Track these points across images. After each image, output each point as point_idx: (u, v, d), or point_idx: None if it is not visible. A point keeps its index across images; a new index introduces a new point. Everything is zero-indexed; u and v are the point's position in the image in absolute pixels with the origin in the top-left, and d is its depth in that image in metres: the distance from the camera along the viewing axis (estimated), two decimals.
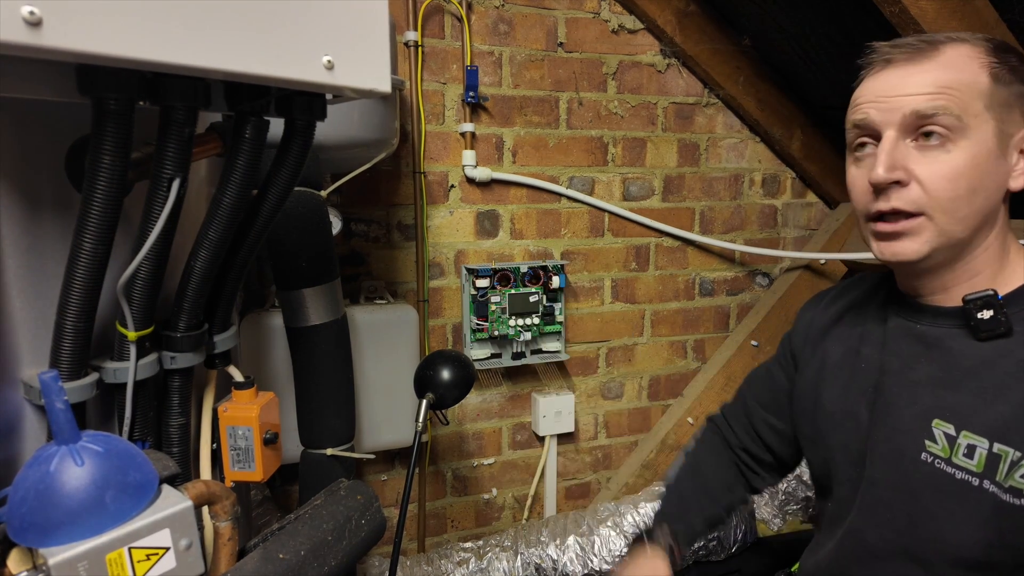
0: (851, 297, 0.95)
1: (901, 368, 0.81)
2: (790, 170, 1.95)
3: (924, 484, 0.76)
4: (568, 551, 1.44)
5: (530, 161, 1.67)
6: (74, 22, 0.45)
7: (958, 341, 0.76)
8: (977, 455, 0.72)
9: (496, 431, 1.77)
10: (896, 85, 0.74)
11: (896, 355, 0.82)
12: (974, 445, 0.72)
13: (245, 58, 0.54)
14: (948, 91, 0.71)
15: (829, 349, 0.92)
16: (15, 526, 0.47)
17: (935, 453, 0.75)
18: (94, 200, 0.53)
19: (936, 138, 0.72)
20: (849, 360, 0.88)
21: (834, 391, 0.89)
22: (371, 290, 1.51)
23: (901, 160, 0.73)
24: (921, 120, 0.72)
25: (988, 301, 0.73)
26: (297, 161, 0.70)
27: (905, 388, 0.80)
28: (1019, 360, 0.71)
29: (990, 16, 1.22)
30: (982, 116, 0.71)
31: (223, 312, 0.76)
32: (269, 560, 0.63)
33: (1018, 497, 0.68)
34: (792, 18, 1.54)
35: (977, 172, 0.72)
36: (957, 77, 0.72)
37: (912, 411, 0.78)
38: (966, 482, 0.72)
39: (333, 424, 1.14)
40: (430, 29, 1.54)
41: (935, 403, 0.76)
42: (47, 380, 0.47)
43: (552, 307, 1.66)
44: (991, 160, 0.72)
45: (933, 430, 0.76)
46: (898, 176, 0.73)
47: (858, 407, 0.85)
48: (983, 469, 0.71)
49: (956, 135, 0.71)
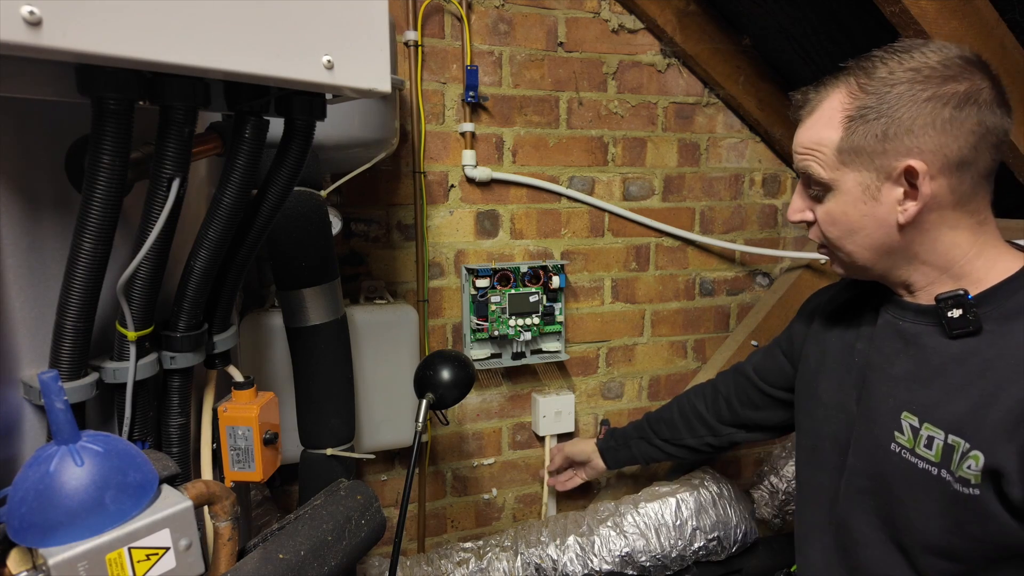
0: (853, 293, 0.99)
1: (882, 363, 0.85)
2: (790, 170, 1.95)
3: (894, 473, 0.81)
4: (568, 551, 1.44)
5: (530, 161, 1.67)
6: (74, 22, 0.45)
7: (933, 339, 0.80)
8: (935, 446, 0.76)
9: (496, 431, 1.77)
10: (795, 141, 0.85)
11: (880, 351, 0.86)
12: (933, 436, 0.77)
13: (245, 58, 0.54)
14: (812, 152, 0.81)
15: (829, 343, 0.97)
16: (15, 526, 0.47)
17: (902, 444, 0.80)
18: (94, 200, 0.53)
19: (814, 190, 0.84)
20: (845, 354, 0.93)
21: (831, 384, 0.94)
22: (371, 290, 1.51)
23: (808, 203, 0.86)
24: (803, 176, 0.84)
25: (958, 300, 0.77)
26: (297, 161, 0.70)
27: (884, 383, 0.84)
28: (985, 359, 0.74)
29: (990, 16, 1.22)
30: (841, 170, 0.79)
31: (223, 312, 0.76)
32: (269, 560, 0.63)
33: (966, 486, 0.73)
34: (792, 18, 1.53)
35: (846, 219, 0.81)
36: (819, 135, 0.80)
37: (887, 405, 0.83)
38: (926, 471, 0.77)
39: (333, 424, 1.14)
40: (430, 29, 1.54)
41: (907, 397, 0.81)
42: (47, 380, 0.47)
43: (552, 307, 1.66)
44: (859, 205, 0.79)
45: (901, 422, 0.80)
46: (803, 218, 0.87)
47: (848, 400, 0.90)
48: (940, 459, 0.76)
49: (825, 188, 0.81)
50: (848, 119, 0.77)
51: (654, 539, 1.46)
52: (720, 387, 1.31)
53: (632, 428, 1.49)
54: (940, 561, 0.78)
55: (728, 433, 1.30)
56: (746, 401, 1.24)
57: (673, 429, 1.38)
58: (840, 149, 0.78)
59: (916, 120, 0.73)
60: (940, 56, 0.74)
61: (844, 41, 1.51)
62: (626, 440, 1.48)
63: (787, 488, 1.80)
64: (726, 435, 1.30)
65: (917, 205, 0.75)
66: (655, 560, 1.45)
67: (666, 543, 1.46)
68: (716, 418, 1.31)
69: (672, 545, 1.46)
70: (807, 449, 0.98)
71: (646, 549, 1.45)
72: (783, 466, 1.83)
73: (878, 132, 0.75)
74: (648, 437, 1.43)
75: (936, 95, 0.73)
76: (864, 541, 0.86)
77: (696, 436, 1.35)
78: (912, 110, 0.73)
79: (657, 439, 1.41)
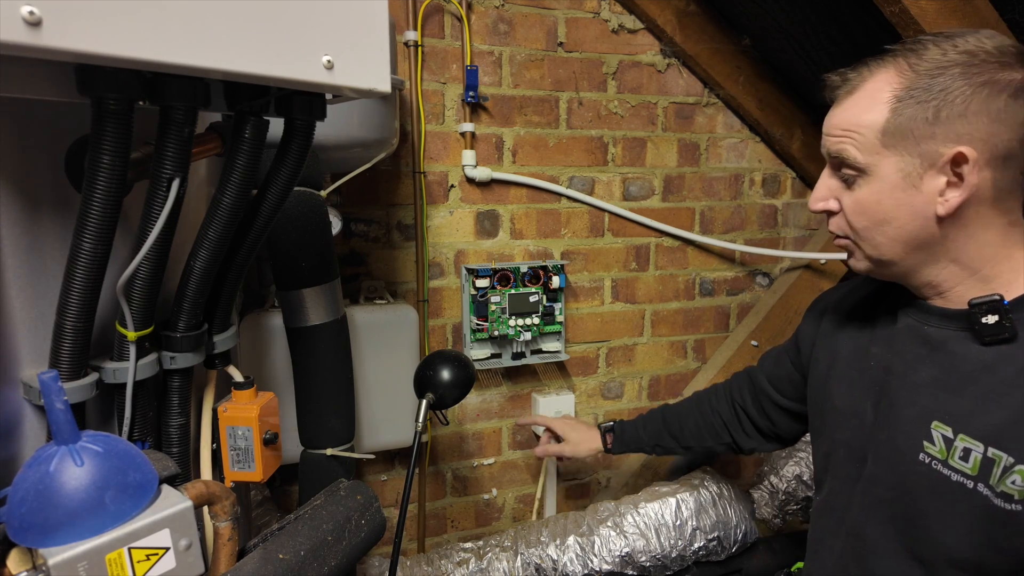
0: (864, 293, 0.95)
1: (905, 370, 0.81)
2: (790, 170, 1.95)
3: (921, 485, 0.77)
4: (568, 551, 1.44)
5: (530, 161, 1.67)
6: (74, 22, 0.45)
7: (962, 345, 0.76)
8: (972, 458, 0.72)
9: (496, 431, 1.77)
10: (828, 123, 0.80)
11: (901, 356, 0.82)
12: (970, 448, 0.72)
13: (244, 58, 0.54)
14: (849, 134, 0.76)
15: (841, 345, 0.93)
16: (15, 526, 0.47)
17: (932, 455, 0.76)
18: (94, 200, 0.53)
19: (846, 174, 0.78)
20: (859, 358, 0.89)
21: (843, 388, 0.90)
22: (371, 290, 1.51)
23: (834, 190, 0.80)
24: (835, 159, 0.79)
25: (994, 306, 0.73)
26: (297, 161, 0.70)
27: (907, 390, 0.80)
28: (1020, 367, 0.71)
29: (990, 16, 1.22)
30: (880, 154, 0.74)
31: (223, 312, 0.76)
32: (269, 560, 0.63)
33: (1008, 502, 0.69)
34: (792, 18, 1.53)
35: (879, 207, 0.76)
36: (860, 117, 0.75)
37: (912, 412, 0.79)
38: (961, 484, 0.73)
39: (333, 424, 1.14)
40: (430, 29, 1.54)
41: (935, 405, 0.77)
42: (47, 380, 0.47)
43: (552, 307, 1.66)
44: (895, 193, 0.74)
45: (932, 432, 0.76)
46: (826, 207, 0.81)
47: (864, 405, 0.86)
48: (977, 472, 0.72)
49: (859, 174, 0.76)
50: (896, 99, 0.72)
51: (654, 539, 1.46)
52: (736, 396, 1.24)
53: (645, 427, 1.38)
54: (963, 575, 0.75)
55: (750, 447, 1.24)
56: (761, 413, 1.19)
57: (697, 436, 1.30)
58: (884, 131, 0.73)
59: (970, 105, 0.68)
60: (995, 43, 0.70)
61: (844, 41, 1.51)
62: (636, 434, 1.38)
63: (787, 488, 1.80)
64: (747, 447, 1.24)
65: (960, 196, 0.71)
66: (655, 560, 1.45)
67: (666, 543, 1.46)
68: (736, 429, 1.24)
69: (672, 545, 1.46)
70: (822, 455, 0.95)
71: (646, 549, 1.45)
72: (783, 466, 1.83)
73: (928, 115, 0.70)
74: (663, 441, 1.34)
75: (992, 80, 0.68)
76: (879, 552, 0.82)
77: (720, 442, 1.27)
78: (966, 93, 0.68)
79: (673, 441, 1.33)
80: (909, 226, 0.75)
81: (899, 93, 0.72)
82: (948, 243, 0.75)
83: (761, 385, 1.17)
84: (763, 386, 1.17)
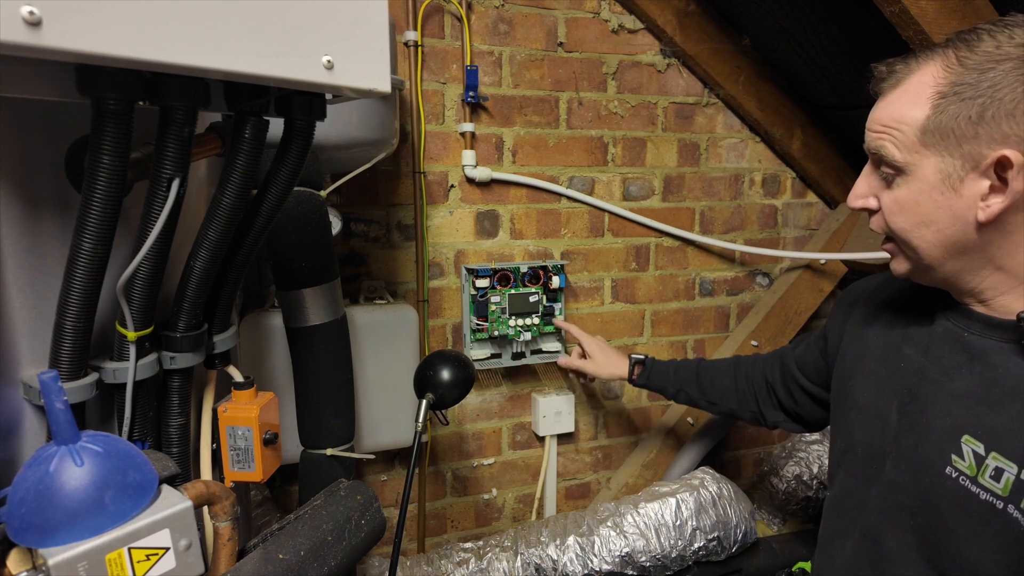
0: (899, 285, 0.91)
1: (940, 377, 0.77)
2: (790, 170, 1.95)
3: (947, 499, 0.74)
4: (568, 551, 1.44)
5: (530, 161, 1.67)
6: (74, 22, 0.45)
7: (1005, 357, 0.72)
8: (1004, 479, 0.68)
9: (496, 431, 1.77)
10: (871, 117, 0.76)
11: (937, 362, 0.78)
12: (1002, 468, 0.69)
13: (244, 58, 0.54)
14: (889, 131, 0.72)
15: (870, 340, 0.90)
16: (15, 526, 0.47)
17: (961, 469, 0.73)
18: (94, 200, 0.53)
19: (885, 172, 0.75)
20: (889, 357, 0.85)
21: (868, 386, 0.87)
22: (371, 290, 1.51)
23: (873, 188, 0.77)
24: (874, 156, 0.76)
25: None
26: (297, 161, 0.70)
27: (941, 398, 0.77)
28: None
29: (990, 16, 1.22)
30: (920, 153, 0.70)
31: (223, 312, 0.76)
32: (269, 560, 0.63)
33: None
34: (792, 18, 1.53)
35: (917, 209, 0.72)
36: (901, 112, 0.71)
37: (944, 423, 0.75)
38: (990, 504, 0.69)
39: (333, 424, 1.14)
40: (430, 29, 1.54)
41: (969, 419, 0.73)
42: (47, 380, 0.47)
43: (552, 307, 1.66)
44: (934, 195, 0.70)
45: (962, 446, 0.73)
46: (865, 204, 0.78)
47: (889, 407, 0.83)
48: (1009, 494, 0.68)
49: (897, 173, 0.73)
50: (939, 95, 0.68)
51: (654, 539, 1.46)
52: (767, 372, 1.25)
53: (677, 371, 1.38)
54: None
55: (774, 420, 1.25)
56: (787, 393, 1.20)
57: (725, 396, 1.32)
58: (924, 129, 0.69)
59: (1020, 104, 0.63)
60: None
61: (844, 41, 1.51)
62: (666, 372, 1.39)
63: (787, 488, 1.80)
64: (772, 419, 1.25)
65: (1003, 202, 0.66)
66: (655, 560, 1.45)
67: (666, 543, 1.46)
68: (764, 402, 1.26)
69: (672, 545, 1.46)
70: (839, 451, 0.92)
71: (646, 549, 1.45)
72: (783, 466, 1.83)
73: (972, 113, 0.65)
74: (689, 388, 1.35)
75: None
76: (895, 560, 0.79)
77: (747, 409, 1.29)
78: (1017, 91, 0.63)
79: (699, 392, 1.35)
80: (949, 230, 0.71)
81: (943, 89, 0.68)
82: (991, 249, 0.71)
83: (788, 366, 1.18)
84: (790, 367, 1.17)
